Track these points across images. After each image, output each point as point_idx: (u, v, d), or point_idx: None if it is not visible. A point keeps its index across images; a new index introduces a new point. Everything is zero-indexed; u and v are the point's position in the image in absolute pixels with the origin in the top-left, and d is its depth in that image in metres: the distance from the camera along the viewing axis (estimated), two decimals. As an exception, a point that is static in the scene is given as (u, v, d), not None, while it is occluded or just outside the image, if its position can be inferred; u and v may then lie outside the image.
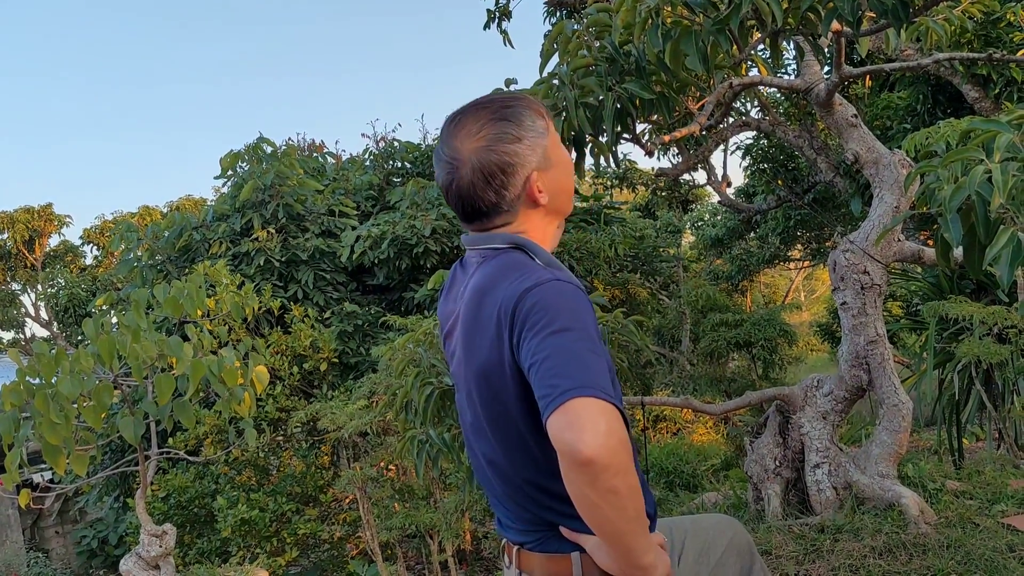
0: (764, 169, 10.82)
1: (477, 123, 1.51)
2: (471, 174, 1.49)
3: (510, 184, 1.51)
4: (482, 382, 1.48)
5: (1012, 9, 6.40)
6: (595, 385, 1.26)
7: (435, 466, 3.90)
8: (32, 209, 19.82)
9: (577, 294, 1.39)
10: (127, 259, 9.61)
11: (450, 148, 1.51)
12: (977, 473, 4.45)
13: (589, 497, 1.25)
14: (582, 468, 1.23)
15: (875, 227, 3.96)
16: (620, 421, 1.27)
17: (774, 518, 4.01)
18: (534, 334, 1.33)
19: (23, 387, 3.77)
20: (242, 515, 6.68)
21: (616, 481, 1.24)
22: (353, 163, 11.42)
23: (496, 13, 10.21)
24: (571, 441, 1.23)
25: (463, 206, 1.54)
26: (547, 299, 1.36)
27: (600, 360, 1.31)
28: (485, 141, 1.49)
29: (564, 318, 1.33)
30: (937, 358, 5.41)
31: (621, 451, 1.24)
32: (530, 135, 1.53)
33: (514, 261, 1.48)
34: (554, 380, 1.28)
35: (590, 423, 1.23)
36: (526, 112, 1.55)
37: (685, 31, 3.00)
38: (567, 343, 1.31)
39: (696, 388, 11.11)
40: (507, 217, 1.54)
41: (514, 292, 1.39)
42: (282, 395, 7.74)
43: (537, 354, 1.31)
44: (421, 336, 4.12)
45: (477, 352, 1.47)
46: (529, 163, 1.52)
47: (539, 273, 1.42)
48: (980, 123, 2.38)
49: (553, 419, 1.26)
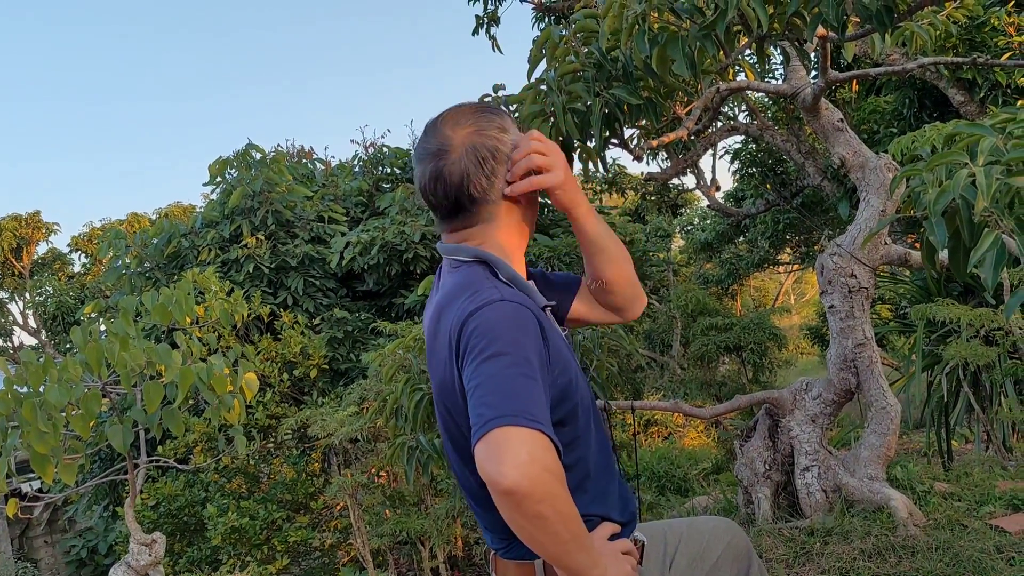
0: (753, 173, 10.86)
1: (464, 116, 1.55)
2: (463, 157, 1.50)
3: (499, 172, 1.53)
4: (439, 398, 1.51)
5: (996, 14, 6.45)
6: (519, 413, 1.26)
7: (425, 472, 3.90)
8: (20, 217, 19.72)
9: (519, 315, 1.38)
10: (115, 266, 9.56)
11: (439, 136, 1.53)
12: (965, 475, 4.47)
13: (518, 522, 1.26)
14: (503, 497, 1.23)
15: (862, 231, 3.98)
16: (545, 448, 1.26)
17: (764, 521, 4.02)
18: (471, 359, 1.34)
19: (11, 396, 3.74)
20: (232, 523, 6.66)
21: (541, 508, 1.23)
22: (342, 169, 11.41)
23: (484, 19, 10.23)
24: (490, 472, 1.23)
25: (447, 196, 1.52)
26: (486, 323, 1.36)
27: (532, 384, 1.30)
28: (475, 127, 1.53)
29: (500, 343, 1.33)
30: (925, 360, 5.44)
31: (545, 478, 1.24)
32: (513, 131, 1.58)
33: (472, 277, 1.49)
34: (479, 409, 1.28)
35: (510, 453, 1.23)
36: (505, 115, 1.61)
37: (672, 36, 3.01)
38: (497, 369, 1.30)
39: (687, 392, 11.13)
40: (491, 211, 1.55)
41: (461, 315, 1.40)
42: (272, 402, 7.72)
43: (471, 381, 1.33)
44: (411, 342, 4.13)
45: (435, 369, 1.51)
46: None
47: (487, 293, 1.42)
48: (964, 127, 2.40)
49: (477, 450, 1.26)
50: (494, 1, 10.28)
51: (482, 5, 10.64)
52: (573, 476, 1.46)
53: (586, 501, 1.50)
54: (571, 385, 1.47)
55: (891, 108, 8.07)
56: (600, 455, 1.57)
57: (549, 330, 1.47)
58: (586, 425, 1.53)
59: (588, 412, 1.54)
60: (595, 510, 1.53)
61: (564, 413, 1.46)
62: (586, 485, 1.52)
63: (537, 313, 1.44)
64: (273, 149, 10.79)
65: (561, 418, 1.45)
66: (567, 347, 1.57)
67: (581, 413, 1.50)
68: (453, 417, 1.47)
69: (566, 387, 1.46)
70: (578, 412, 1.49)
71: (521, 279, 1.53)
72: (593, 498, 1.53)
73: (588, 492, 1.52)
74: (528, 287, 1.54)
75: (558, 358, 1.45)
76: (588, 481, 1.52)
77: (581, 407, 1.51)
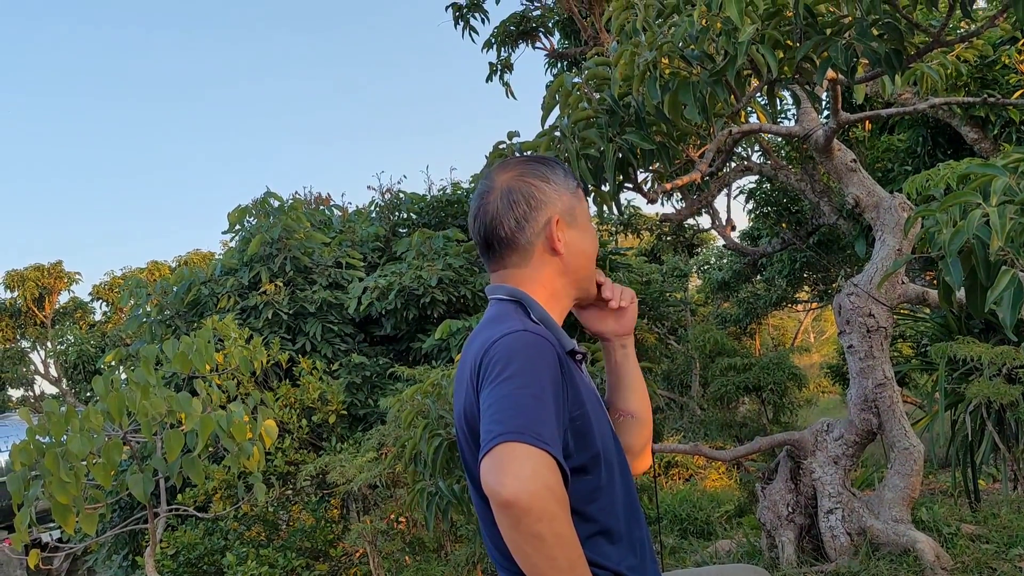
0: (768, 212, 10.87)
1: (514, 162, 1.64)
2: (498, 198, 1.57)
3: (531, 218, 1.57)
4: (461, 424, 1.53)
5: (1006, 52, 6.48)
6: (527, 430, 1.28)
7: (445, 518, 3.88)
8: (42, 267, 20.02)
9: (538, 343, 1.42)
10: (136, 315, 9.65)
11: (488, 179, 1.62)
12: (993, 516, 4.39)
13: (516, 541, 1.27)
14: (503, 510, 1.24)
15: (878, 270, 3.97)
16: (550, 468, 1.27)
17: (788, 566, 3.96)
18: (487, 383, 1.38)
19: (33, 446, 3.77)
20: (252, 571, 6.62)
21: (540, 527, 1.24)
22: (359, 215, 11.53)
23: (498, 66, 10.39)
24: (492, 483, 1.25)
25: (484, 233, 1.59)
26: (505, 349, 1.40)
27: (542, 406, 1.33)
28: (517, 172, 1.60)
29: (514, 366, 1.37)
30: (948, 399, 5.37)
31: (546, 495, 1.25)
32: (560, 182, 1.62)
33: (504, 312, 1.53)
34: (489, 426, 1.31)
35: (513, 467, 1.25)
36: (561, 168, 1.65)
37: (683, 82, 3.06)
38: (509, 390, 1.34)
39: (707, 433, 11.02)
40: (523, 256, 1.58)
41: (485, 343, 1.44)
42: (291, 448, 7.71)
43: (485, 402, 1.36)
44: (429, 387, 4.13)
45: (460, 396, 1.53)
46: (553, 205, 1.59)
47: (512, 323, 1.46)
48: (977, 167, 2.42)
49: (483, 463, 1.29)
50: (507, 48, 10.45)
51: (495, 52, 10.83)
52: (593, 526, 1.46)
53: (623, 551, 1.50)
54: (589, 431, 1.48)
55: (905, 146, 8.08)
56: (628, 512, 1.56)
57: (573, 373, 1.49)
58: (610, 479, 1.52)
59: (613, 466, 1.54)
60: (631, 561, 1.52)
61: (585, 460, 1.46)
62: (613, 536, 1.50)
63: (559, 350, 1.46)
64: (291, 196, 10.92)
65: (583, 464, 1.46)
66: (595, 398, 1.57)
67: (604, 466, 1.50)
68: (472, 447, 1.48)
69: (584, 431, 1.46)
70: (600, 462, 1.49)
71: (551, 320, 1.55)
72: (629, 546, 1.53)
73: (621, 541, 1.51)
74: (557, 329, 1.56)
75: (577, 401, 1.46)
76: (615, 535, 1.51)
77: (604, 459, 1.50)
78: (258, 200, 9.61)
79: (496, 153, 3.89)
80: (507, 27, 11.68)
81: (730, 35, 2.87)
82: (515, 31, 11.71)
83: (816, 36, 2.95)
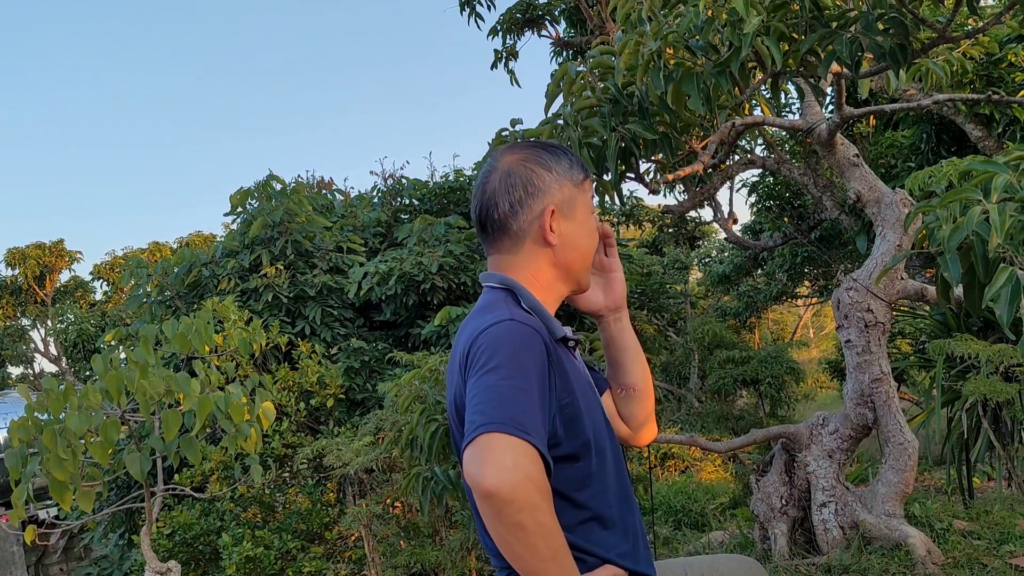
0: (770, 206, 10.85)
1: (520, 146, 1.62)
2: (497, 180, 1.56)
3: (526, 205, 1.55)
4: (452, 411, 1.54)
5: (1012, 50, 6.46)
6: (509, 421, 1.28)
7: (440, 503, 3.90)
8: (44, 245, 20.01)
9: (524, 333, 1.41)
10: (136, 295, 9.66)
11: (493, 159, 1.61)
12: (985, 513, 4.41)
13: (498, 531, 1.27)
14: (484, 500, 1.25)
15: (878, 265, 3.98)
16: (531, 458, 1.28)
17: (780, 558, 3.98)
18: (473, 373, 1.38)
19: (31, 423, 3.79)
20: (247, 552, 6.65)
21: (522, 517, 1.25)
22: (361, 200, 11.51)
23: (503, 53, 10.36)
24: (473, 474, 1.26)
25: (479, 213, 1.59)
26: (491, 339, 1.40)
27: (526, 396, 1.33)
28: (521, 156, 1.58)
29: (499, 356, 1.37)
30: (945, 396, 5.38)
31: (527, 486, 1.25)
32: (563, 172, 1.59)
33: (494, 301, 1.53)
34: (472, 416, 1.32)
35: (493, 456, 1.25)
36: (568, 158, 1.62)
37: (687, 73, 3.05)
38: (494, 381, 1.34)
39: (704, 425, 11.05)
40: (514, 242, 1.57)
41: (473, 332, 1.44)
42: (288, 431, 7.73)
43: (470, 392, 1.36)
44: (427, 373, 4.15)
45: (451, 383, 1.54)
46: (551, 195, 1.56)
47: (500, 313, 1.45)
48: (978, 164, 2.42)
49: (465, 454, 1.30)
50: (513, 36, 10.42)
51: (500, 40, 10.79)
52: (585, 512, 1.47)
53: (616, 537, 1.51)
54: (579, 418, 1.48)
55: (908, 143, 8.07)
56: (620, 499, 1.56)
57: (563, 360, 1.49)
58: (601, 466, 1.52)
59: (605, 453, 1.54)
60: (624, 548, 1.53)
61: (576, 447, 1.47)
62: (607, 522, 1.51)
63: (547, 339, 1.45)
64: (293, 180, 10.91)
65: (574, 451, 1.46)
66: (586, 385, 1.57)
67: (596, 453, 1.50)
68: (462, 434, 1.48)
69: (573, 418, 1.46)
70: (591, 449, 1.49)
71: (542, 308, 1.54)
72: (623, 533, 1.54)
73: (615, 527, 1.52)
74: (548, 317, 1.55)
75: (566, 389, 1.46)
76: (608, 521, 1.52)
77: (596, 446, 1.50)
78: (260, 183, 9.60)
79: (499, 140, 3.89)
80: (513, 14, 11.63)
81: (735, 26, 2.87)
82: (521, 19, 11.66)
83: (822, 29, 2.95)
